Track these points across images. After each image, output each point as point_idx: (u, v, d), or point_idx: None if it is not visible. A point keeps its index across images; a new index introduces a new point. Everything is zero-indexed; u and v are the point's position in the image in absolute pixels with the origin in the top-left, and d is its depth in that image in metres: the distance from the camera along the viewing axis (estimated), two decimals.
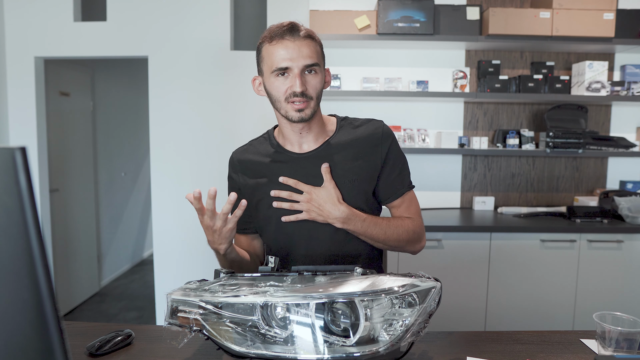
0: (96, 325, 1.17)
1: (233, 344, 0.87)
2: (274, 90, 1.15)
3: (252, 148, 1.30)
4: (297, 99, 1.12)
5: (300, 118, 1.15)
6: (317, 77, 1.15)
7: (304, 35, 1.12)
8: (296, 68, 1.11)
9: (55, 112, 3.33)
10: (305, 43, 1.12)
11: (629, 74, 2.87)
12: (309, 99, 1.14)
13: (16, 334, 0.50)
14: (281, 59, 1.11)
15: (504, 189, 3.05)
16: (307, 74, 1.14)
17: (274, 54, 1.12)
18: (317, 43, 1.16)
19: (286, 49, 1.11)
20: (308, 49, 1.12)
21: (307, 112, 1.15)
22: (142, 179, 5.09)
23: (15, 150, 0.47)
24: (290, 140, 1.24)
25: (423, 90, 2.78)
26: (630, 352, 0.92)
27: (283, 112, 1.16)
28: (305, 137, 1.23)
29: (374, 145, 1.24)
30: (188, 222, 3.00)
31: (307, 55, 1.12)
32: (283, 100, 1.15)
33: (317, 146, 1.24)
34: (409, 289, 0.86)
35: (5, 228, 0.48)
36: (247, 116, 2.94)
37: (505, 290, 2.47)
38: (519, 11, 2.63)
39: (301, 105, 1.13)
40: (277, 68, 1.12)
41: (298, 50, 1.11)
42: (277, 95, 1.15)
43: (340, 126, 1.27)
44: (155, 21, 2.91)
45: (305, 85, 1.13)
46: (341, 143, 1.24)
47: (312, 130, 1.22)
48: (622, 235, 2.46)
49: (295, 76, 1.12)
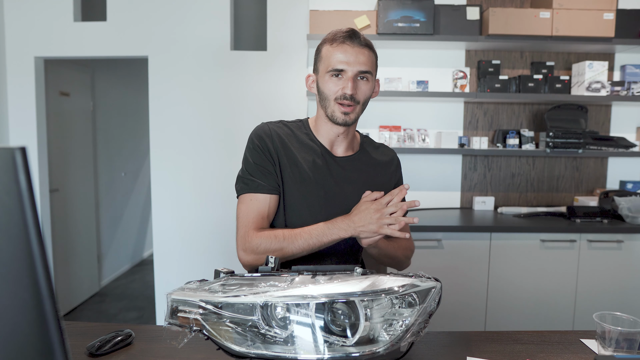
0: (96, 325, 1.17)
1: (233, 344, 0.87)
2: (326, 89, 1.21)
3: (287, 128, 1.29)
4: (346, 101, 1.18)
5: (344, 121, 1.21)
6: (368, 85, 1.21)
7: (363, 43, 1.19)
8: (350, 72, 1.18)
9: (55, 112, 3.33)
10: (363, 51, 1.19)
11: (629, 74, 2.87)
12: (356, 103, 1.20)
13: (16, 334, 0.50)
14: (338, 61, 1.18)
15: (504, 189, 3.05)
16: (360, 80, 1.20)
17: (333, 55, 1.19)
18: (373, 53, 1.23)
19: (345, 52, 1.18)
20: (364, 57, 1.19)
21: (352, 117, 1.21)
22: (142, 179, 5.09)
23: (15, 150, 0.47)
24: (324, 138, 1.29)
25: (423, 90, 2.78)
26: (630, 352, 0.92)
27: (329, 111, 1.22)
28: (340, 141, 1.29)
29: (390, 171, 1.36)
30: (188, 222, 3.00)
31: (362, 62, 1.18)
32: (332, 100, 1.20)
33: (347, 154, 1.31)
34: (409, 289, 0.86)
35: (5, 228, 0.48)
36: (247, 116, 2.94)
37: (505, 291, 2.47)
38: (519, 11, 2.63)
39: (348, 109, 1.19)
40: (333, 69, 1.18)
41: (355, 56, 1.17)
42: (328, 94, 1.20)
43: (364, 142, 1.37)
44: (156, 21, 2.91)
45: (356, 90, 1.19)
46: (367, 159, 1.33)
47: (347, 137, 1.29)
48: (622, 235, 2.46)
49: (348, 79, 1.18)
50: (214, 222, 2.96)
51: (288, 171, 1.23)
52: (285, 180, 1.23)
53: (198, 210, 2.98)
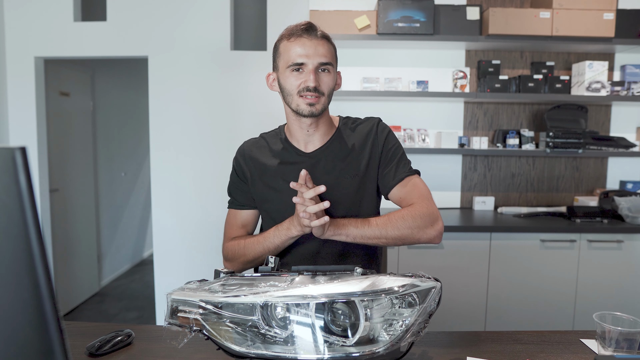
0: (96, 325, 1.17)
1: (233, 344, 0.87)
2: (288, 85, 1.19)
3: (262, 141, 1.34)
4: (310, 93, 1.17)
5: (310, 112, 1.18)
6: (330, 76, 1.20)
7: (321, 35, 1.19)
8: (311, 64, 1.16)
9: (55, 112, 3.33)
10: (321, 43, 1.18)
11: (629, 74, 2.87)
12: (321, 94, 1.18)
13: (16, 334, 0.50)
14: (297, 55, 1.16)
15: (504, 189, 3.05)
16: (321, 72, 1.18)
17: (291, 50, 1.17)
18: (331, 45, 1.22)
19: (303, 46, 1.16)
20: (323, 49, 1.17)
21: (318, 107, 1.19)
22: (142, 179, 5.09)
23: (15, 150, 0.47)
24: (297, 138, 1.28)
25: (423, 90, 2.78)
26: (630, 352, 0.92)
27: (294, 105, 1.20)
28: (312, 136, 1.27)
29: (372, 140, 1.28)
30: (188, 222, 3.00)
31: (322, 54, 1.17)
32: (295, 94, 1.18)
33: (321, 144, 1.28)
34: (409, 289, 0.86)
35: (5, 228, 0.48)
36: (247, 116, 2.94)
37: (505, 291, 2.47)
38: (519, 11, 2.63)
39: (313, 100, 1.17)
40: (293, 63, 1.16)
41: (314, 49, 1.16)
42: (290, 89, 1.19)
43: (342, 124, 1.32)
44: (156, 21, 2.91)
45: (318, 82, 1.17)
46: (343, 140, 1.29)
47: (319, 129, 1.26)
48: (622, 235, 2.46)
49: (309, 72, 1.16)
50: (214, 222, 2.96)
51: (260, 185, 1.29)
52: (259, 193, 1.30)
53: (198, 210, 2.98)
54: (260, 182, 1.29)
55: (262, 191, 1.29)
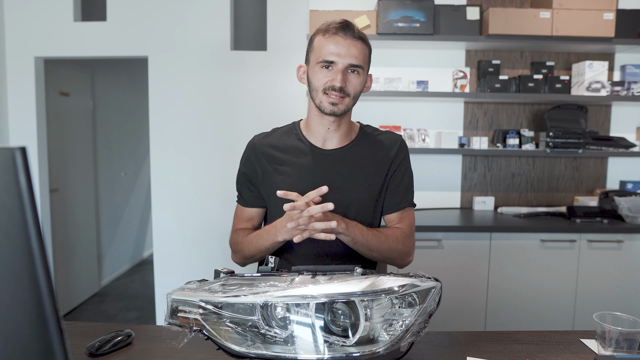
0: (96, 325, 1.17)
1: (233, 344, 0.87)
2: (315, 80, 1.19)
3: (275, 135, 1.32)
4: (335, 93, 1.17)
5: (332, 111, 1.18)
6: (359, 78, 1.19)
7: (357, 36, 1.17)
8: (341, 64, 1.16)
9: (55, 112, 3.33)
10: (355, 44, 1.16)
11: (629, 74, 2.87)
12: (346, 95, 1.18)
13: (16, 334, 0.50)
14: (329, 53, 1.16)
15: (504, 189, 3.05)
16: (350, 73, 1.18)
17: (324, 46, 1.17)
18: (366, 47, 1.20)
19: (336, 44, 1.15)
20: (356, 50, 1.16)
21: (341, 107, 1.18)
22: (142, 179, 5.09)
23: (15, 150, 0.47)
24: (315, 135, 1.27)
25: (423, 90, 2.78)
26: (630, 352, 0.92)
27: (317, 101, 1.20)
28: (332, 134, 1.26)
29: (390, 155, 1.29)
30: (188, 222, 3.00)
31: (354, 55, 1.16)
32: (321, 91, 1.18)
33: (340, 146, 1.27)
34: (409, 289, 0.86)
35: (5, 228, 0.48)
36: (247, 116, 2.94)
37: (505, 291, 2.47)
38: (519, 11, 2.63)
39: (336, 99, 1.17)
40: (323, 60, 1.16)
41: (347, 49, 1.15)
42: (317, 85, 1.19)
43: (363, 132, 1.32)
44: (156, 21, 2.91)
45: (345, 82, 1.17)
46: (362, 148, 1.28)
47: (339, 129, 1.26)
48: (622, 235, 2.46)
49: (338, 71, 1.16)
50: (214, 222, 2.96)
51: (270, 180, 1.27)
52: (268, 188, 1.27)
53: (198, 210, 2.98)
54: (270, 177, 1.27)
55: (273, 186, 1.25)
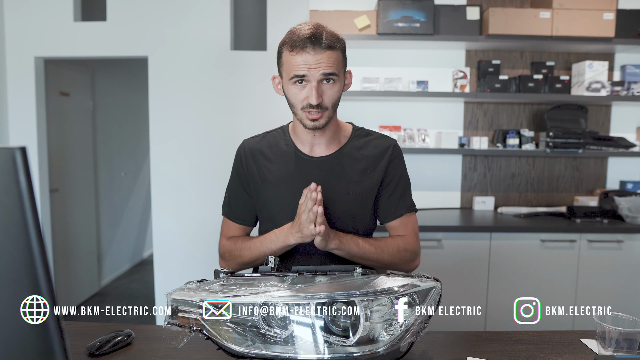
0: (96, 325, 1.17)
1: (233, 344, 0.87)
2: (291, 96, 1.16)
3: (265, 141, 1.30)
4: (313, 110, 1.13)
5: (314, 127, 1.17)
6: (335, 87, 1.15)
7: (326, 46, 1.11)
8: (314, 80, 1.12)
9: (55, 112, 3.33)
10: (326, 55, 1.11)
11: (629, 74, 2.87)
12: (324, 109, 1.15)
13: (16, 334, 0.50)
14: (299, 67, 1.11)
15: (504, 189, 3.05)
16: (325, 83, 1.14)
17: (293, 62, 1.12)
18: (339, 51, 1.15)
19: (305, 61, 1.11)
20: (328, 60, 1.12)
21: (321, 122, 1.16)
22: (142, 179, 5.09)
23: (15, 150, 0.47)
24: (302, 140, 1.25)
25: (423, 90, 2.78)
26: (630, 352, 0.92)
27: (298, 117, 1.18)
28: (318, 140, 1.24)
29: (382, 162, 1.25)
30: (188, 222, 3.00)
31: (325, 65, 1.11)
32: (299, 109, 1.16)
33: (329, 152, 1.25)
34: (409, 289, 0.86)
35: (5, 228, 0.48)
36: (247, 116, 2.94)
37: (505, 291, 2.47)
38: (519, 11, 2.63)
39: (316, 116, 1.15)
40: (295, 75, 1.12)
41: (317, 62, 1.11)
42: (294, 102, 1.17)
43: (355, 136, 1.28)
44: (155, 21, 2.91)
45: (321, 97, 1.13)
46: (352, 154, 1.25)
47: (325, 135, 1.24)
48: (622, 235, 2.46)
49: (312, 88, 1.12)
50: (214, 222, 2.93)
51: (261, 188, 1.26)
52: (259, 195, 1.27)
53: (198, 211, 2.98)
54: (261, 184, 1.26)
55: (263, 193, 1.26)
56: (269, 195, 1.25)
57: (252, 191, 1.28)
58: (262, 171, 1.26)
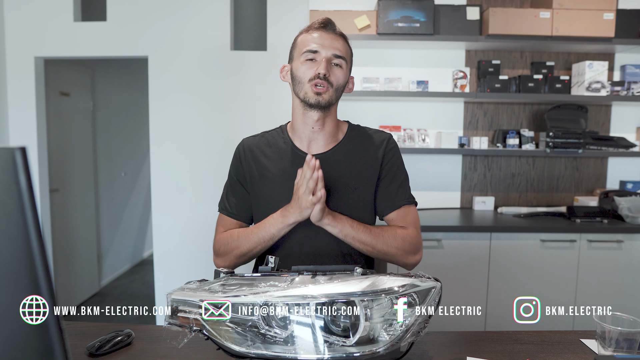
0: (96, 325, 1.17)
1: (233, 344, 0.87)
2: (300, 73, 1.20)
3: (264, 139, 1.32)
4: (320, 81, 1.16)
5: (317, 101, 1.17)
6: (342, 71, 1.21)
7: (338, 33, 1.23)
8: (324, 53, 1.18)
9: (55, 112, 3.33)
10: (338, 38, 1.21)
11: (629, 74, 2.87)
12: (330, 85, 1.18)
13: (16, 334, 0.50)
14: (313, 43, 1.19)
15: (504, 189, 3.05)
16: (334, 66, 1.20)
17: (307, 40, 1.20)
18: (348, 45, 1.25)
19: (320, 37, 1.20)
20: (339, 43, 1.21)
21: (325, 97, 1.17)
22: (142, 179, 5.09)
23: (15, 150, 0.47)
24: (300, 136, 1.26)
25: (423, 90, 2.78)
26: (630, 352, 0.92)
27: (302, 94, 1.19)
28: (317, 135, 1.24)
29: (378, 155, 1.26)
30: (188, 222, 3.00)
31: (337, 47, 1.20)
32: (306, 82, 1.18)
33: (326, 149, 1.26)
34: (409, 289, 0.86)
35: (5, 228, 0.48)
36: (247, 116, 2.94)
37: (505, 291, 2.47)
38: (519, 11, 2.63)
39: (322, 89, 1.17)
40: (307, 50, 1.18)
41: (330, 41, 1.19)
42: (302, 77, 1.19)
43: (351, 133, 1.30)
44: (155, 21, 2.91)
45: (329, 72, 1.18)
46: (349, 150, 1.26)
47: (324, 129, 1.24)
48: (622, 235, 2.46)
49: (322, 60, 1.17)
50: (214, 222, 2.94)
51: (259, 185, 1.27)
52: (256, 192, 1.27)
53: (198, 210, 2.98)
54: (259, 182, 1.27)
55: (260, 190, 1.26)
56: (265, 191, 1.26)
57: (250, 187, 1.28)
58: (259, 168, 1.27)
